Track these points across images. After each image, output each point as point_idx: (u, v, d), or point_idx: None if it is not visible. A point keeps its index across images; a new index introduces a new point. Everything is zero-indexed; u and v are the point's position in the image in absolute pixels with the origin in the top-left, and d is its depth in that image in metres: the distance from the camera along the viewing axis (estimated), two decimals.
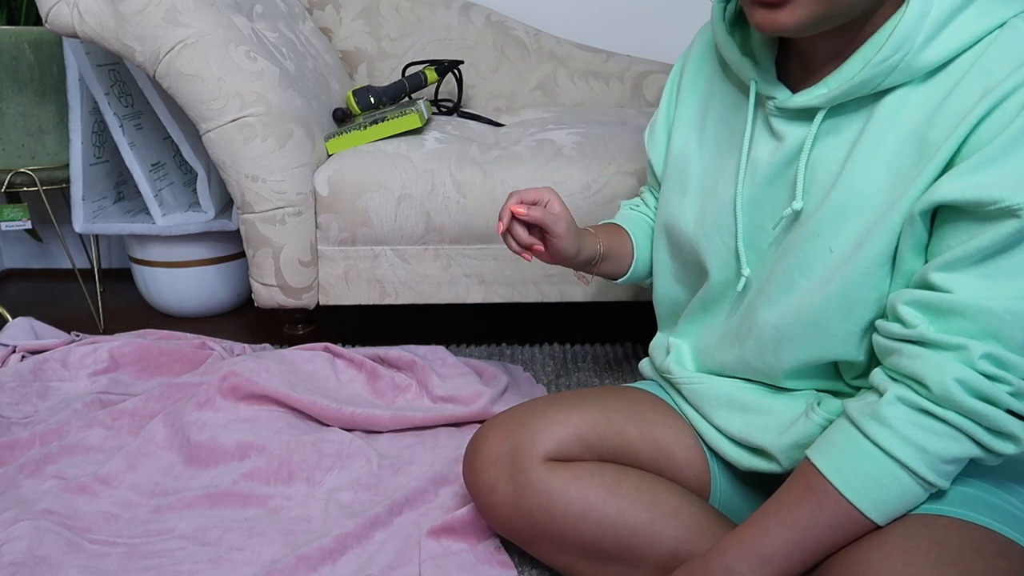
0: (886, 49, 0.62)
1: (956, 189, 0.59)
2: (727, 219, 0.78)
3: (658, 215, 0.89)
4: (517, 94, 1.89)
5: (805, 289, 0.70)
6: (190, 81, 1.24)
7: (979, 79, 0.60)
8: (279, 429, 1.12)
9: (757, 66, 0.74)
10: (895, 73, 0.63)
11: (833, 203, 0.67)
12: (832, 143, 0.69)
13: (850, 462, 0.62)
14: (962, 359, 0.59)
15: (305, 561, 0.87)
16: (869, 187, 0.66)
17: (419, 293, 1.36)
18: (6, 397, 1.24)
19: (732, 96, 0.80)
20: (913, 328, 0.61)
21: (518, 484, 0.79)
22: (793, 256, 0.71)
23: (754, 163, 0.75)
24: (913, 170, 0.63)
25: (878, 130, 0.65)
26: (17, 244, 2.12)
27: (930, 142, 0.62)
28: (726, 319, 0.81)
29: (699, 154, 0.83)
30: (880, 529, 0.62)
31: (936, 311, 0.61)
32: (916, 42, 0.61)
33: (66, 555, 0.89)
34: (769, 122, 0.73)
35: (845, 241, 0.67)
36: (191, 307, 1.71)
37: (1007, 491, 0.65)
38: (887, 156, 0.65)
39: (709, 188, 0.81)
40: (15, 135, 1.58)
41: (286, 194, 1.28)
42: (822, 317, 0.69)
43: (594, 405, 0.83)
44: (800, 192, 0.70)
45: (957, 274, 0.60)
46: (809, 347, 0.71)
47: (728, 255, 0.79)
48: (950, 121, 0.61)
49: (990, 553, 0.58)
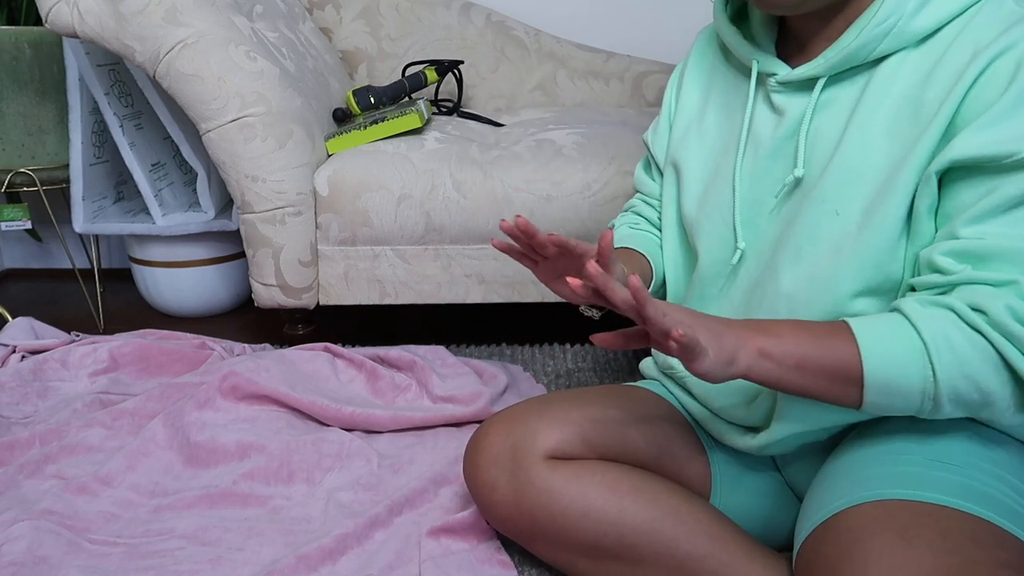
0: (881, 13, 0.66)
1: (972, 146, 0.61)
2: (727, 194, 0.80)
3: (664, 210, 0.90)
4: (517, 94, 1.90)
5: (814, 255, 0.71)
6: (190, 81, 1.24)
7: (968, 43, 0.64)
8: (279, 429, 1.12)
9: (758, 48, 0.78)
10: (889, 38, 0.67)
11: (836, 169, 0.70)
12: (832, 113, 0.72)
13: (881, 332, 0.63)
14: (1015, 291, 0.60)
15: (305, 561, 0.87)
16: (869, 150, 0.68)
17: (419, 293, 1.36)
18: (6, 397, 1.24)
19: (733, 80, 0.83)
20: (956, 273, 0.63)
21: (519, 482, 0.79)
22: (800, 225, 0.72)
23: (756, 139, 0.77)
24: (911, 131, 0.66)
25: (875, 95, 0.69)
26: (17, 244, 2.12)
27: (926, 104, 0.66)
28: (728, 298, 0.81)
29: (699, 140, 0.85)
30: (881, 516, 0.62)
31: (975, 256, 0.62)
32: (908, 7, 0.66)
33: (66, 555, 0.89)
34: (770, 98, 0.76)
35: (851, 206, 0.69)
36: (191, 307, 1.71)
37: (1009, 487, 0.65)
38: (885, 120, 0.68)
39: (711, 171, 0.83)
40: (15, 135, 1.58)
41: (286, 194, 1.28)
42: (835, 283, 0.70)
43: (595, 404, 0.83)
44: (801, 160, 0.72)
45: (986, 225, 0.62)
46: (821, 312, 0.72)
47: (726, 231, 0.80)
48: (944, 83, 0.65)
49: (989, 545, 0.58)
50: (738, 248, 0.78)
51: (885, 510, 0.62)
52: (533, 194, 1.30)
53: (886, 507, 0.62)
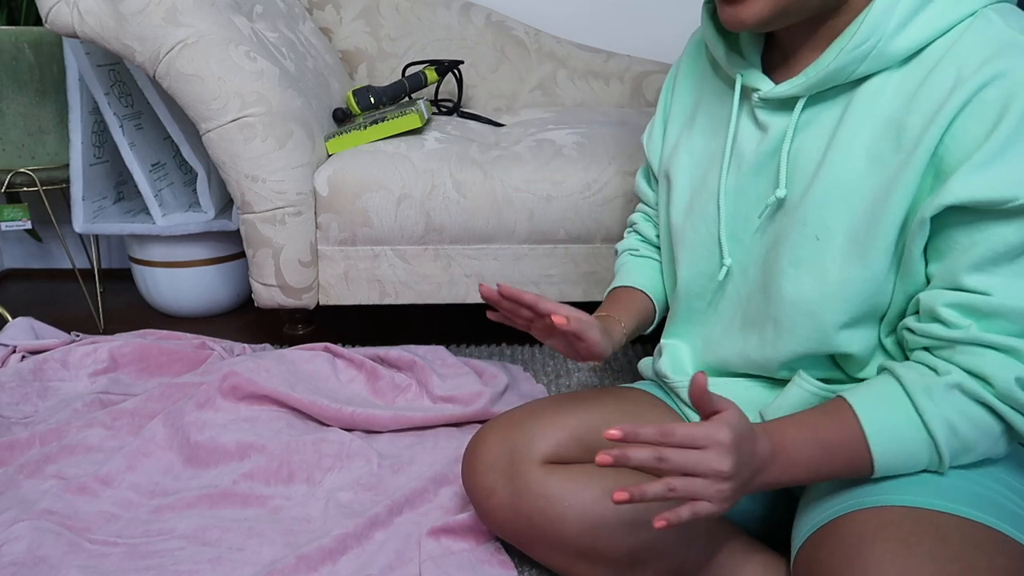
0: (859, 36, 0.64)
1: (968, 190, 0.60)
2: (712, 209, 0.79)
3: (660, 219, 0.90)
4: (517, 94, 1.90)
5: (798, 279, 0.71)
6: (190, 81, 1.24)
7: (951, 67, 0.62)
8: (279, 429, 1.12)
9: (744, 61, 0.77)
10: (869, 60, 0.65)
11: (817, 191, 0.69)
12: (813, 132, 0.70)
13: (888, 419, 0.64)
14: (1017, 358, 0.61)
15: (305, 561, 0.87)
16: (850, 174, 0.67)
17: (419, 293, 1.36)
18: (6, 397, 1.24)
19: (721, 91, 0.82)
20: (960, 329, 0.63)
21: (516, 487, 0.79)
22: (783, 246, 0.72)
23: (740, 154, 0.77)
24: (894, 157, 0.65)
25: (857, 117, 0.67)
26: (17, 244, 2.12)
27: (908, 128, 0.64)
28: (718, 314, 0.81)
29: (688, 149, 0.84)
30: (883, 523, 0.62)
31: (979, 313, 0.62)
32: (888, 28, 0.64)
33: (66, 555, 0.89)
34: (754, 113, 0.75)
35: (833, 229, 0.68)
36: (191, 307, 1.71)
37: (1010, 489, 0.65)
38: (866, 142, 0.67)
39: (698, 180, 0.82)
40: (15, 135, 1.58)
41: (286, 194, 1.28)
42: (818, 308, 0.70)
43: (591, 407, 0.83)
44: (783, 180, 0.71)
45: (991, 276, 0.61)
46: (806, 339, 0.72)
47: (712, 244, 0.80)
48: (926, 108, 0.63)
49: (991, 550, 0.58)
50: (724, 264, 0.78)
51: (885, 516, 0.62)
52: (533, 194, 1.30)
53: (886, 513, 0.63)
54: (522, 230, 1.32)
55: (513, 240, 1.33)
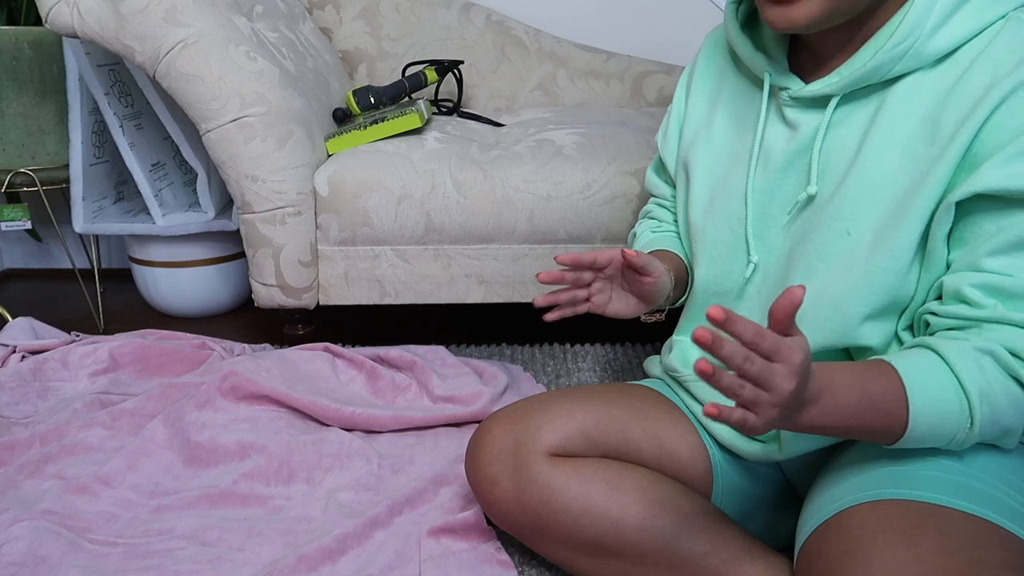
0: (897, 35, 0.65)
1: (998, 178, 0.61)
2: (738, 207, 0.80)
3: (678, 213, 0.90)
4: (517, 94, 1.90)
5: (824, 274, 0.71)
6: (190, 81, 1.24)
7: (987, 67, 0.64)
8: (279, 429, 1.12)
9: (770, 60, 0.77)
10: (905, 59, 0.66)
11: (849, 188, 0.70)
12: (846, 130, 0.71)
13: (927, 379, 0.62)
14: None
15: (305, 561, 0.87)
16: (884, 171, 0.68)
17: (419, 293, 1.36)
18: (6, 397, 1.24)
19: (743, 89, 0.82)
20: (986, 308, 0.63)
21: (520, 478, 0.79)
22: (811, 242, 0.72)
23: (767, 152, 0.77)
24: (927, 153, 0.66)
25: (891, 116, 0.68)
26: (17, 244, 2.12)
27: (943, 126, 0.65)
28: (736, 309, 0.81)
29: (706, 147, 0.85)
30: (886, 516, 0.62)
31: (1005, 293, 0.63)
32: (925, 29, 0.65)
33: (66, 555, 0.89)
34: (782, 112, 0.76)
35: (864, 225, 0.69)
36: (191, 307, 1.71)
37: (1012, 487, 0.65)
38: (901, 141, 0.68)
39: (719, 178, 0.83)
40: (15, 135, 1.58)
41: (286, 194, 1.28)
42: (843, 301, 0.70)
43: (598, 401, 0.83)
44: (815, 177, 0.72)
45: (1014, 259, 0.63)
46: (829, 331, 0.72)
47: (735, 242, 0.80)
48: (961, 106, 0.64)
49: (992, 545, 0.59)
50: (751, 262, 0.78)
51: (888, 510, 0.62)
52: (533, 194, 1.30)
53: (889, 507, 0.63)
54: (522, 230, 1.32)
55: (513, 240, 1.33)
